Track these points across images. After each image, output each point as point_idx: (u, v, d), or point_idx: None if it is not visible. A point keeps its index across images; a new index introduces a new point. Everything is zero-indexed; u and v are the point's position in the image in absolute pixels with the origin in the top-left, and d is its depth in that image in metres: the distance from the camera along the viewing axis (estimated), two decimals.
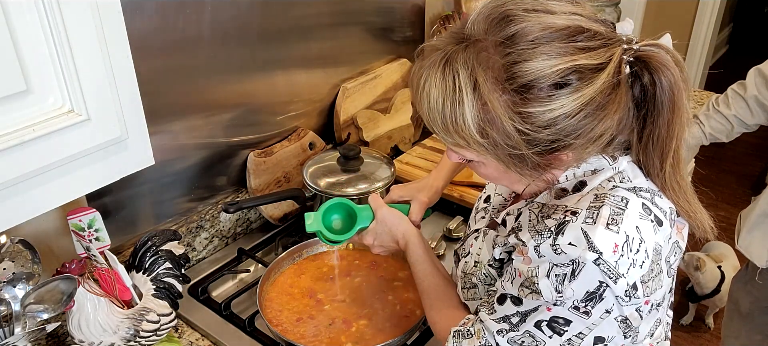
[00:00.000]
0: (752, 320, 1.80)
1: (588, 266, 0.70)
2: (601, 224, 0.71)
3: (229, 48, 1.30)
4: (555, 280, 0.73)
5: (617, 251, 0.70)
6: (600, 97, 0.68)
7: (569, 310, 0.73)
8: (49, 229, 1.12)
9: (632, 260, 0.71)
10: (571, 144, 0.71)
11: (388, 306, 1.16)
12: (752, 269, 1.74)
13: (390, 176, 1.43)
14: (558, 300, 0.73)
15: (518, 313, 0.78)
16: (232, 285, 1.35)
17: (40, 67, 0.70)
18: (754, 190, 3.07)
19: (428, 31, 1.87)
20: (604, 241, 0.70)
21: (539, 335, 0.77)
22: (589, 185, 0.78)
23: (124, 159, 0.83)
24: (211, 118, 1.33)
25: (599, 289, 0.71)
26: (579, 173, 0.79)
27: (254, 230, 1.50)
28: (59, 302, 0.95)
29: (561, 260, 0.72)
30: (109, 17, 0.75)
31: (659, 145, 0.75)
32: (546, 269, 0.73)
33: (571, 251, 0.71)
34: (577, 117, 0.69)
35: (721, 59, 4.95)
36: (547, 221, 0.76)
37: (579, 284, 0.71)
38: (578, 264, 0.71)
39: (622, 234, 0.71)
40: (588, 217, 0.72)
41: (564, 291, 0.72)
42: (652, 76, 0.71)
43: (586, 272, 0.71)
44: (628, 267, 0.71)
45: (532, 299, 0.76)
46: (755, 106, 1.66)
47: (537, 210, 0.81)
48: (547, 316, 0.75)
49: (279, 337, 1.09)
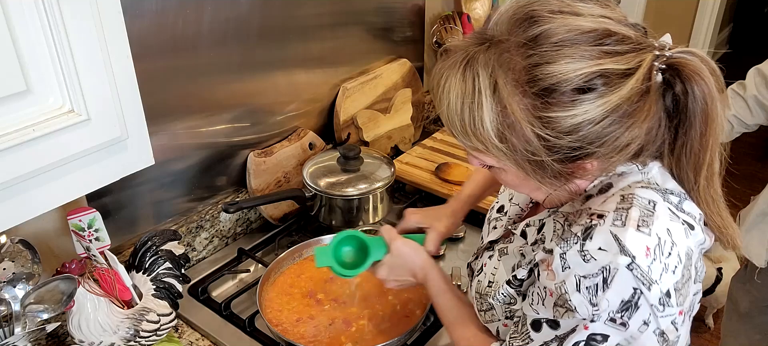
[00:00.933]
0: (751, 320, 1.80)
1: (621, 271, 0.66)
2: (631, 226, 0.68)
3: (229, 48, 1.30)
4: (587, 293, 0.68)
5: (650, 255, 0.67)
6: (627, 104, 0.65)
7: (606, 323, 0.69)
8: (49, 229, 1.12)
9: (665, 264, 0.68)
10: (595, 152, 0.68)
11: (388, 306, 1.16)
12: (751, 268, 1.74)
13: (390, 176, 1.43)
14: (595, 315, 0.69)
15: (556, 338, 0.73)
16: (232, 285, 1.35)
17: (40, 67, 0.70)
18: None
19: (428, 31, 1.87)
20: (635, 244, 0.67)
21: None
22: (615, 186, 0.74)
23: (124, 159, 0.83)
24: (211, 118, 1.33)
25: (634, 297, 0.67)
26: (606, 178, 0.76)
27: (254, 230, 1.50)
28: (59, 302, 0.95)
29: (590, 269, 0.68)
30: (109, 17, 0.75)
31: (693, 159, 0.72)
32: (575, 283, 0.69)
33: (601, 256, 0.67)
34: (602, 124, 0.65)
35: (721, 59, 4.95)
36: (573, 227, 0.72)
37: (613, 293, 0.67)
38: (609, 271, 0.67)
39: (653, 236, 0.68)
40: (616, 219, 0.69)
41: (600, 303, 0.68)
42: (685, 86, 0.67)
43: (619, 278, 0.67)
44: (661, 273, 0.67)
45: (568, 319, 0.71)
46: (755, 106, 1.66)
47: (562, 220, 0.78)
48: (584, 335, 0.71)
49: (279, 337, 1.09)
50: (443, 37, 1.84)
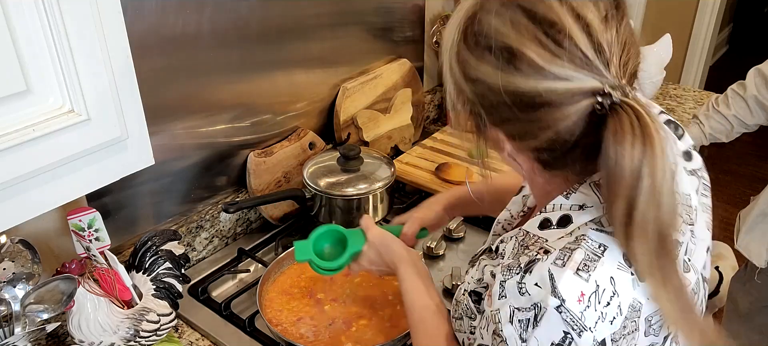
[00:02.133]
0: (751, 320, 1.80)
1: (549, 312, 0.63)
2: (570, 268, 0.63)
3: (229, 48, 1.30)
4: (519, 326, 0.65)
5: (583, 301, 0.62)
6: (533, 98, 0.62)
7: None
8: (49, 229, 1.12)
9: (601, 313, 0.63)
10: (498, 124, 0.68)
11: (388, 306, 1.16)
12: (751, 268, 1.74)
13: (390, 176, 1.43)
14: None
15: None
16: (232, 285, 1.35)
17: (40, 67, 0.70)
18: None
19: (428, 31, 1.87)
20: (568, 287, 0.62)
21: None
22: (573, 221, 0.69)
23: (124, 159, 0.83)
24: (211, 118, 1.33)
25: (564, 340, 0.63)
26: (566, 205, 0.71)
27: (254, 230, 1.50)
28: (59, 302, 0.95)
29: (523, 302, 0.65)
30: (109, 17, 0.75)
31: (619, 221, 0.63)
32: (508, 314, 0.66)
33: (535, 292, 0.64)
34: (499, 97, 0.64)
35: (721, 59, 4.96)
36: (521, 257, 0.69)
37: (542, 332, 0.64)
38: (540, 309, 0.63)
39: (591, 283, 0.63)
40: (558, 258, 0.65)
41: (528, 340, 0.65)
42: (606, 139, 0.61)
43: (548, 318, 0.63)
44: (596, 321, 0.63)
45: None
46: (755, 106, 1.66)
47: (521, 238, 0.74)
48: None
49: (279, 337, 1.10)
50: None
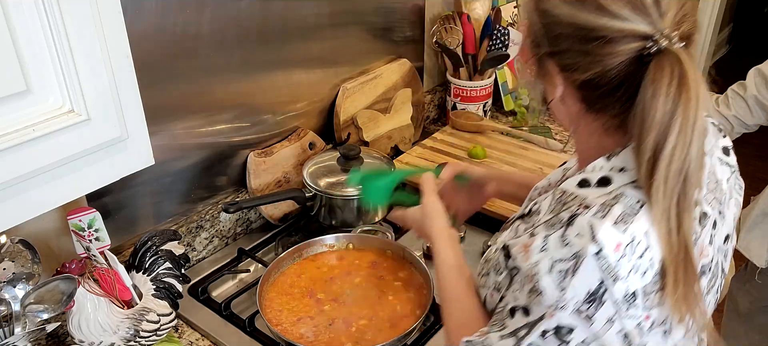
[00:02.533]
0: (751, 320, 1.80)
1: (588, 259, 0.67)
2: (609, 220, 0.67)
3: (229, 48, 1.30)
4: (558, 276, 0.69)
5: (619, 251, 0.66)
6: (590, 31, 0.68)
7: (571, 314, 0.69)
8: (49, 229, 1.12)
9: (634, 265, 0.67)
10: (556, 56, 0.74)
11: (388, 306, 1.16)
12: (751, 268, 1.74)
13: None
14: (561, 301, 0.69)
15: (527, 325, 0.73)
16: (232, 285, 1.35)
17: (40, 67, 0.70)
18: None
19: (428, 31, 1.87)
20: (607, 237, 0.66)
21: (545, 344, 0.72)
22: (612, 182, 0.73)
23: (124, 159, 0.83)
24: (211, 118, 1.33)
25: (599, 289, 0.67)
26: (606, 167, 0.74)
27: (254, 230, 1.50)
28: (59, 302, 0.95)
29: (564, 253, 0.69)
30: (109, 17, 0.75)
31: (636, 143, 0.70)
32: (548, 266, 0.70)
33: (576, 242, 0.68)
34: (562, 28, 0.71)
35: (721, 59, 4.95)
36: (562, 213, 0.73)
37: (580, 280, 0.67)
38: (580, 257, 0.67)
39: (627, 235, 0.67)
40: (598, 211, 0.69)
41: (567, 289, 0.68)
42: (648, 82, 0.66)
43: (586, 266, 0.67)
44: (629, 271, 0.67)
45: (538, 306, 0.71)
46: (755, 107, 1.66)
47: (558, 196, 0.78)
48: (552, 324, 0.70)
49: (279, 337, 1.09)
50: (443, 37, 1.84)
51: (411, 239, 1.44)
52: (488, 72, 1.89)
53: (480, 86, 1.87)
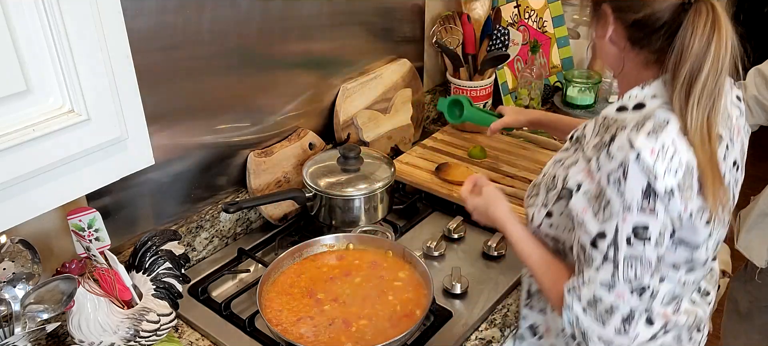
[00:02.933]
0: (751, 320, 1.80)
1: (632, 164, 0.83)
2: (642, 133, 0.83)
3: (229, 48, 1.30)
4: (616, 185, 0.84)
5: (654, 154, 0.82)
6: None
7: (639, 213, 0.84)
8: (49, 229, 1.12)
9: (668, 165, 0.82)
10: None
11: (388, 306, 1.16)
12: (751, 268, 1.74)
13: (390, 176, 1.43)
14: (626, 204, 0.84)
15: (610, 244, 0.87)
16: (232, 285, 1.35)
17: (40, 67, 0.70)
18: None
19: (428, 31, 1.87)
20: (643, 144, 0.82)
21: (636, 251, 0.86)
22: (646, 107, 0.89)
23: (124, 159, 0.83)
24: (211, 118, 1.33)
25: (649, 187, 0.82)
26: (641, 95, 0.90)
27: (254, 230, 1.50)
28: (59, 302, 0.95)
29: (613, 165, 0.84)
30: (109, 17, 0.75)
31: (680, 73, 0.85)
32: (606, 179, 0.86)
33: (618, 154, 0.84)
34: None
35: None
36: (604, 136, 0.88)
37: (631, 182, 0.83)
38: (625, 164, 0.83)
39: (659, 143, 0.83)
40: (633, 128, 0.85)
41: (625, 193, 0.84)
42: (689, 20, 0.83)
43: (632, 170, 0.83)
44: (665, 171, 0.82)
45: (610, 220, 0.86)
46: (755, 107, 1.66)
47: (600, 121, 0.93)
48: (629, 227, 0.85)
49: (279, 337, 1.09)
50: (443, 37, 1.84)
51: (411, 239, 1.44)
52: (488, 72, 1.89)
53: (480, 86, 1.87)
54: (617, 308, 0.90)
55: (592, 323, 0.93)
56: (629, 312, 0.90)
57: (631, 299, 0.90)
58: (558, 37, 2.17)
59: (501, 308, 1.26)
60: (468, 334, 1.19)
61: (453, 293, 1.26)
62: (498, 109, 1.54)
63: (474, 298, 1.26)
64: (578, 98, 2.01)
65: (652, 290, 0.90)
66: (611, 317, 0.91)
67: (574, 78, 2.02)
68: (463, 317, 1.21)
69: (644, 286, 0.89)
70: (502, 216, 1.10)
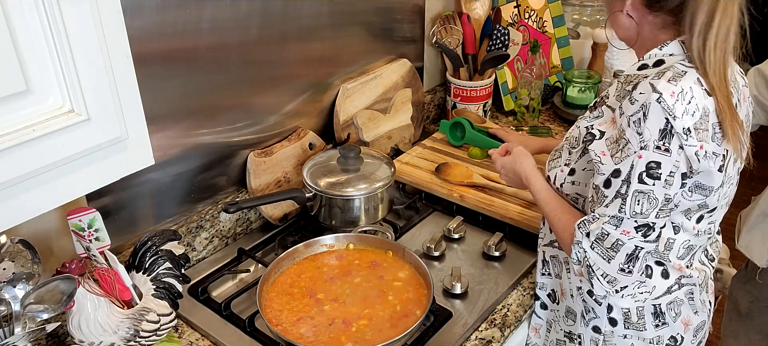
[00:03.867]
0: (752, 320, 1.80)
1: (653, 104, 0.91)
2: (663, 79, 0.93)
3: (229, 48, 1.30)
4: (635, 126, 0.93)
5: (674, 97, 0.91)
6: None
7: (653, 151, 0.92)
8: (49, 229, 1.12)
9: (685, 107, 0.91)
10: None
11: (388, 306, 1.16)
12: (752, 268, 1.74)
13: (390, 176, 1.43)
14: (642, 143, 0.92)
15: (623, 181, 0.95)
16: (232, 285, 1.35)
17: (40, 67, 0.70)
18: None
19: (428, 31, 1.87)
20: (664, 88, 0.91)
21: (646, 187, 0.94)
22: (665, 63, 0.98)
23: (124, 159, 0.83)
24: (211, 119, 1.33)
25: (667, 125, 0.91)
26: (660, 54, 1.00)
27: (254, 230, 1.50)
28: (59, 302, 0.95)
29: (634, 109, 0.93)
30: (109, 17, 0.75)
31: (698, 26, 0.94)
32: (627, 121, 0.94)
33: (641, 98, 0.93)
34: None
35: None
36: (627, 86, 0.99)
37: (651, 121, 0.92)
38: (646, 106, 0.92)
39: (678, 87, 0.92)
40: (655, 76, 0.94)
41: (643, 132, 0.92)
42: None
43: (653, 110, 0.91)
44: (683, 112, 0.91)
45: (626, 160, 0.95)
46: (755, 107, 1.66)
47: (622, 80, 1.03)
48: (643, 164, 0.93)
49: (279, 337, 1.10)
50: (443, 37, 1.84)
51: (411, 239, 1.44)
52: (488, 72, 1.89)
53: (480, 86, 1.87)
54: (622, 244, 0.97)
55: (598, 259, 1.00)
56: (633, 250, 0.98)
57: (636, 236, 0.97)
58: (558, 37, 2.17)
59: (501, 308, 1.26)
60: (468, 334, 1.19)
61: (453, 293, 1.26)
62: (504, 135, 1.61)
63: (474, 298, 1.26)
64: (578, 98, 2.01)
65: (657, 232, 0.98)
66: (616, 254, 0.98)
67: (574, 78, 2.02)
68: (463, 317, 1.21)
69: (649, 223, 0.96)
70: (526, 170, 1.20)
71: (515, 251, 1.39)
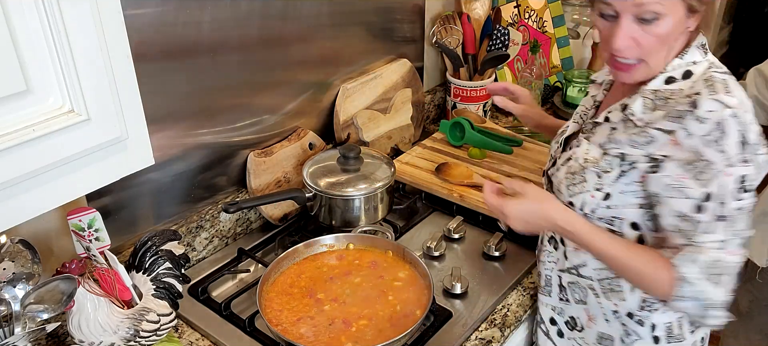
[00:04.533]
0: (751, 319, 1.80)
1: (728, 120, 0.88)
2: (722, 92, 0.90)
3: (229, 48, 1.30)
4: (714, 145, 0.89)
5: (743, 108, 0.90)
6: None
7: (740, 165, 0.89)
8: (49, 229, 1.12)
9: (751, 116, 0.91)
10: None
11: (388, 306, 1.16)
12: (752, 268, 1.74)
13: (390, 176, 1.43)
14: (728, 160, 0.88)
15: (720, 203, 0.90)
16: (232, 285, 1.35)
17: (40, 67, 0.70)
18: None
19: (428, 31, 1.87)
20: (731, 101, 0.89)
21: (742, 203, 0.91)
22: (694, 73, 0.95)
23: (124, 159, 0.83)
24: (211, 119, 1.33)
25: (743, 138, 0.89)
26: (683, 64, 0.97)
27: (254, 230, 1.50)
28: (59, 302, 0.95)
29: (708, 127, 0.89)
30: (109, 17, 0.75)
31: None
32: (703, 141, 0.89)
33: (712, 116, 0.89)
34: None
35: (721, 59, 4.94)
36: (675, 106, 0.93)
37: (731, 138, 0.88)
38: (722, 123, 0.88)
39: (736, 98, 0.90)
40: (711, 90, 0.90)
41: (726, 149, 0.88)
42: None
43: (730, 126, 0.88)
44: (751, 122, 0.90)
45: (712, 181, 0.90)
46: (756, 107, 1.66)
47: (651, 96, 0.97)
48: (734, 180, 0.89)
49: (279, 337, 1.10)
50: (443, 37, 1.84)
51: (411, 239, 1.44)
52: (488, 72, 1.89)
53: (480, 86, 1.87)
54: (730, 265, 0.92)
55: (711, 289, 0.92)
56: (736, 266, 0.93)
57: (740, 252, 0.93)
58: (558, 37, 2.17)
59: (501, 308, 1.26)
60: (468, 334, 1.19)
61: (453, 293, 1.26)
62: (516, 92, 1.39)
63: (474, 298, 1.26)
64: (578, 98, 2.01)
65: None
66: (728, 277, 0.93)
67: (574, 78, 2.02)
68: (463, 317, 1.21)
69: (748, 236, 0.94)
70: (562, 216, 1.01)
71: (515, 251, 1.39)
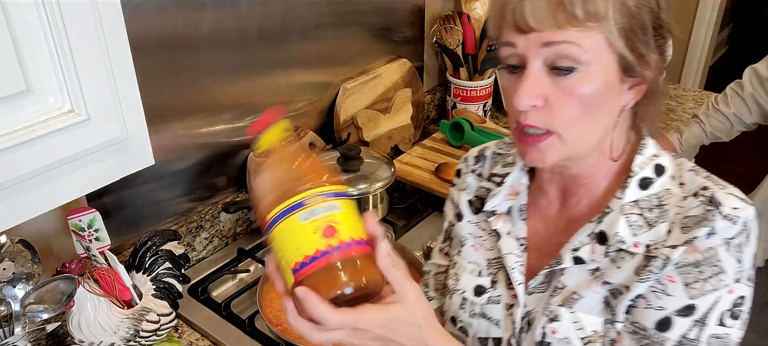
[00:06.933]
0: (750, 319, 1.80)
1: (753, 221, 0.70)
2: (730, 187, 0.72)
3: (228, 48, 1.30)
4: (735, 250, 0.69)
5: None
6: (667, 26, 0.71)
7: (746, 284, 0.70)
8: (49, 229, 1.12)
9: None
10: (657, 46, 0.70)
11: None
12: None
13: (390, 176, 1.43)
14: (738, 274, 0.69)
15: (697, 322, 0.70)
16: (232, 285, 1.35)
17: (40, 67, 0.70)
18: None
19: (428, 31, 1.87)
20: (744, 195, 0.72)
21: (724, 330, 0.70)
22: (666, 166, 0.76)
23: (124, 159, 0.83)
24: (211, 118, 1.33)
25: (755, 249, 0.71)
26: (645, 160, 0.76)
27: (254, 230, 1.50)
28: (59, 302, 0.95)
29: (737, 228, 0.69)
30: (109, 17, 0.75)
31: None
32: (726, 244, 0.69)
33: (740, 213, 0.69)
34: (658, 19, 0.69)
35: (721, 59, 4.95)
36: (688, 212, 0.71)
37: (751, 246, 0.70)
38: (748, 225, 0.69)
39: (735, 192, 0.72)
40: (718, 185, 0.72)
41: (743, 259, 0.69)
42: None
43: (754, 229, 0.70)
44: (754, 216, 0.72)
45: (709, 294, 0.69)
46: (753, 105, 1.67)
47: (638, 212, 0.74)
48: (729, 301, 0.70)
49: (279, 337, 1.09)
50: (443, 37, 1.84)
51: (411, 239, 1.44)
52: (488, 72, 1.89)
53: (480, 86, 1.87)
54: None
55: None
56: None
57: None
58: None
59: None
60: None
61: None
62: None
63: None
64: None
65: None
66: None
67: None
68: None
69: None
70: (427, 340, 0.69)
71: None
